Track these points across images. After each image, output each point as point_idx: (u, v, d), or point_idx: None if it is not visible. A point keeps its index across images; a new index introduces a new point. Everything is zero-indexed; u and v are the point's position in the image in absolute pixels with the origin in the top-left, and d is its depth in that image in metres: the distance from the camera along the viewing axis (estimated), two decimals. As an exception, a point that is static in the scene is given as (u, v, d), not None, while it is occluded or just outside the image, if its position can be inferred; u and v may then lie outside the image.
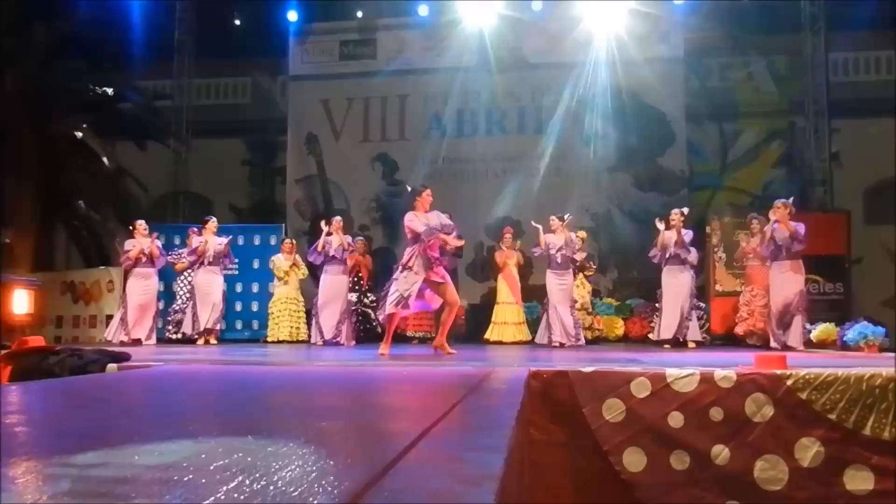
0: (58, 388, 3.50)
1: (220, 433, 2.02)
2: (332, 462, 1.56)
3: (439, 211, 6.65)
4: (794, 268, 7.61)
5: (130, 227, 9.00)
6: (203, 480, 1.37)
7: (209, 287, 8.92)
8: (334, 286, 8.83)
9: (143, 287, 8.65)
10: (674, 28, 12.47)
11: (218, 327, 9.12)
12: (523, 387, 3.54)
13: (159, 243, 8.93)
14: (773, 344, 7.62)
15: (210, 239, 8.95)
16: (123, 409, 2.76)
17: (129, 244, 8.76)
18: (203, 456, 1.63)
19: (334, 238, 8.79)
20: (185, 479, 1.39)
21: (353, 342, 8.90)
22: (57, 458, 1.63)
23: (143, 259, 8.65)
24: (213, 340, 8.97)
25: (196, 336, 8.91)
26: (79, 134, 12.03)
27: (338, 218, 9.17)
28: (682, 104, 12.44)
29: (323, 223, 9.02)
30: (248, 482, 1.37)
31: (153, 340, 8.79)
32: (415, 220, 6.45)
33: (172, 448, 1.74)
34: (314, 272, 11.41)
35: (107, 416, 2.46)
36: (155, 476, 1.44)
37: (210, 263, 8.90)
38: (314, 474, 1.43)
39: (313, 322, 9.02)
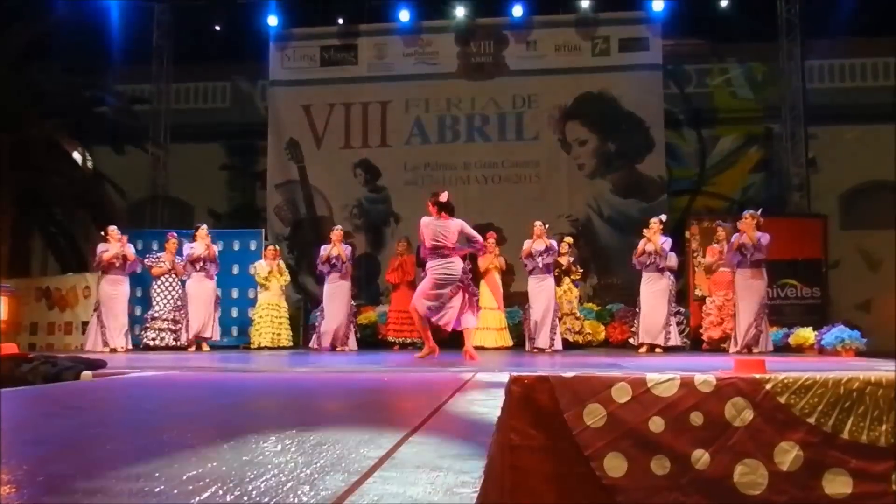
0: (30, 396, 3.43)
1: (195, 442, 1.98)
2: (308, 470, 1.53)
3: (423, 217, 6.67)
4: (755, 275, 7.75)
5: (102, 233, 8.98)
6: (175, 491, 1.34)
7: (202, 293, 8.99)
8: (336, 294, 8.96)
9: (115, 293, 8.66)
10: (652, 35, 12.58)
11: (214, 333, 9.18)
12: (504, 392, 3.53)
13: (131, 248, 8.92)
14: (733, 348, 7.71)
15: (198, 245, 9.04)
16: (97, 417, 2.71)
17: (102, 247, 8.75)
18: (176, 466, 1.59)
19: (333, 248, 8.89)
20: (157, 489, 1.36)
21: (355, 347, 9.07)
22: (27, 468, 1.59)
23: (117, 264, 8.66)
24: (205, 347, 9.01)
25: (187, 343, 8.91)
26: (55, 138, 11.88)
27: (338, 227, 9.35)
28: (660, 110, 12.54)
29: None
30: (221, 492, 1.34)
31: (129, 346, 8.79)
32: None
33: (145, 458, 1.71)
34: (297, 278, 11.41)
35: (80, 425, 2.41)
36: (126, 486, 1.40)
37: (201, 269, 8.98)
38: (290, 483, 1.41)
39: (317, 329, 9.16)
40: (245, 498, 1.29)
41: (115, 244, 8.72)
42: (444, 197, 6.55)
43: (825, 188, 12.72)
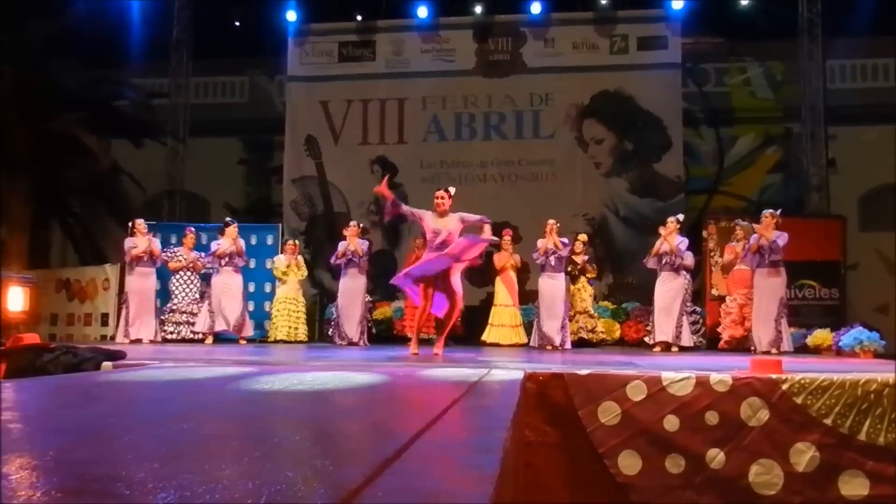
0: (52, 385, 3.48)
1: (214, 432, 2.01)
2: (326, 462, 1.55)
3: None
4: (772, 274, 7.68)
5: (130, 225, 9.09)
6: (195, 480, 1.36)
7: (230, 287, 9.08)
8: (352, 289, 9.03)
9: (143, 286, 8.77)
10: (671, 33, 12.50)
11: (246, 329, 9.26)
12: (519, 389, 3.54)
13: (157, 242, 9.04)
14: (758, 348, 7.66)
15: (225, 240, 9.13)
16: (117, 407, 2.74)
17: (130, 241, 8.87)
18: (195, 456, 1.62)
19: (349, 243, 8.95)
20: (177, 478, 1.38)
21: (367, 343, 9.08)
22: (50, 456, 1.62)
23: (144, 258, 8.77)
24: (242, 341, 9.08)
25: (203, 335, 9.01)
26: (75, 131, 12.00)
27: (353, 223, 9.41)
28: (678, 109, 12.46)
29: (345, 230, 9.24)
30: (240, 481, 1.36)
31: (157, 338, 8.93)
32: None
33: (165, 448, 1.73)
34: (313, 273, 11.45)
35: (101, 414, 2.45)
36: (149, 474, 1.43)
37: (227, 264, 9.08)
38: (309, 474, 1.42)
39: (334, 324, 9.26)
40: (263, 488, 1.31)
41: (142, 238, 8.84)
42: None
43: (844, 189, 12.59)
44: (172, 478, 1.38)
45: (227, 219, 9.58)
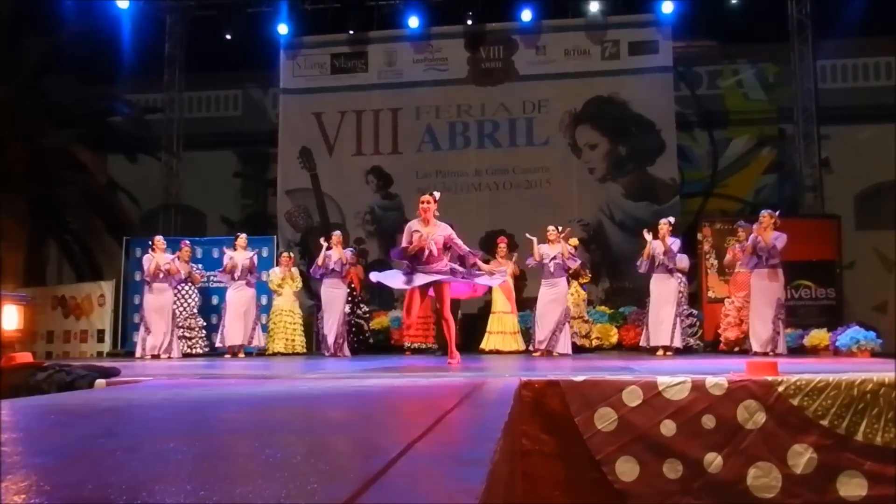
0: (45, 404, 3.47)
1: (205, 449, 2.00)
2: (314, 478, 1.54)
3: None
4: (771, 276, 7.67)
5: (150, 243, 9.13)
6: (184, 501, 1.36)
7: (243, 301, 9.16)
8: (334, 299, 9.04)
9: (158, 303, 8.78)
10: (662, 37, 12.53)
11: (258, 340, 9.35)
12: (513, 397, 3.53)
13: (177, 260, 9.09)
14: (754, 349, 7.64)
15: (238, 255, 9.22)
16: (110, 425, 2.74)
17: (147, 259, 8.94)
18: (184, 475, 1.61)
19: (334, 252, 8.97)
20: (167, 499, 1.38)
21: (349, 354, 9.04)
22: (43, 477, 1.61)
23: (161, 275, 8.80)
24: (241, 354, 9.15)
25: (228, 349, 9.12)
26: (70, 148, 12.01)
27: (337, 233, 9.43)
28: (671, 113, 12.47)
29: (322, 239, 9.25)
30: (228, 499, 1.36)
31: (176, 354, 8.94)
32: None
33: (154, 467, 1.73)
34: (308, 284, 11.44)
35: (93, 434, 2.44)
36: (134, 496, 1.42)
37: (239, 278, 9.17)
38: (295, 492, 1.42)
39: (319, 334, 9.29)
40: (249, 506, 1.31)
41: (159, 255, 8.87)
42: None
43: (839, 188, 12.62)
44: (163, 498, 1.38)
45: (237, 233, 9.69)
